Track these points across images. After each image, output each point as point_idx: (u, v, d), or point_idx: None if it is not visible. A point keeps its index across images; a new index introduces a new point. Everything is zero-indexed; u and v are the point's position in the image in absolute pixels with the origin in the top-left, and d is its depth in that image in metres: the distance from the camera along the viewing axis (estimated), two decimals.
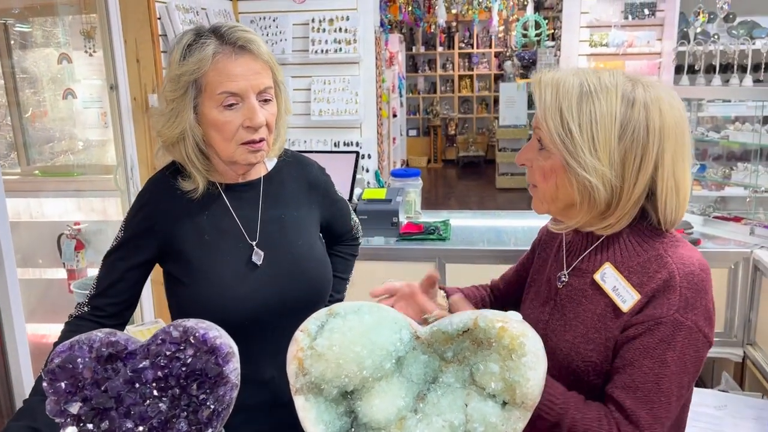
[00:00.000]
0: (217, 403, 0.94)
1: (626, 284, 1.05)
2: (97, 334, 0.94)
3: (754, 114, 2.85)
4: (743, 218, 2.79)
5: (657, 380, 0.99)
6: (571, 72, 1.06)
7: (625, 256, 1.08)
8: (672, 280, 1.01)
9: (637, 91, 1.03)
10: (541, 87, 1.05)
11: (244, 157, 1.26)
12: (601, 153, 1.01)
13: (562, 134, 1.02)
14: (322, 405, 0.94)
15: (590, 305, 1.09)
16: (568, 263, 1.16)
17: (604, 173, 1.01)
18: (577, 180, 1.03)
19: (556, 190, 1.07)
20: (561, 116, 1.02)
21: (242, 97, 1.22)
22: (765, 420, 2.12)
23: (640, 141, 1.01)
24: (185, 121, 1.23)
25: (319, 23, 4.12)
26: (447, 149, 11.24)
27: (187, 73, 1.21)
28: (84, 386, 0.93)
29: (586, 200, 1.04)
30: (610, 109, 1.01)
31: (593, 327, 1.07)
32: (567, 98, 1.02)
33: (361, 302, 0.99)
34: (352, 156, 3.09)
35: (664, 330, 1.00)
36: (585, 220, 1.07)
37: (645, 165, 1.02)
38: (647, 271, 1.04)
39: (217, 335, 0.95)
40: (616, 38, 4.85)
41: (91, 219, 3.22)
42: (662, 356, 0.99)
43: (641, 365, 1.00)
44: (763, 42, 3.91)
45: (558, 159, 1.04)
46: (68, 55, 3.15)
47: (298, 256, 1.35)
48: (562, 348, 1.10)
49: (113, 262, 1.30)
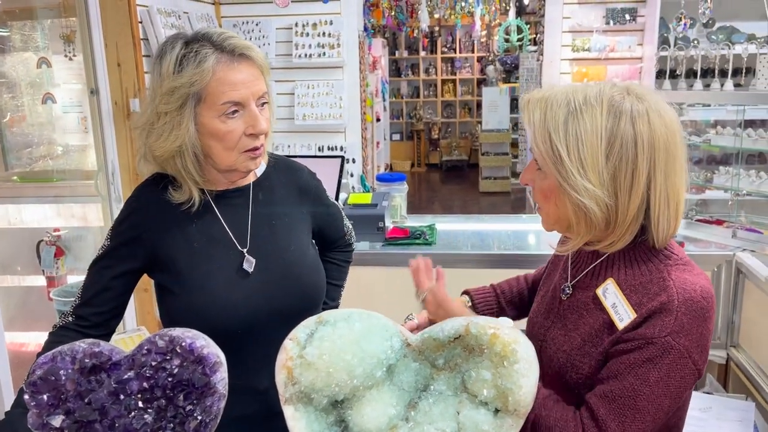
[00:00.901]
0: (204, 414, 0.92)
1: (625, 303, 1.04)
2: (80, 345, 0.92)
3: (734, 118, 2.88)
4: (725, 221, 2.82)
5: (635, 396, 0.98)
6: (561, 90, 1.05)
7: (629, 274, 1.06)
8: (670, 304, 0.99)
9: (625, 103, 1.00)
10: (530, 109, 1.05)
11: (245, 165, 1.25)
12: (591, 173, 0.99)
13: (552, 157, 1.01)
14: (311, 415, 0.92)
15: (590, 319, 1.08)
16: (572, 276, 1.16)
17: (596, 193, 0.99)
18: (571, 202, 1.02)
19: (557, 209, 1.06)
20: (550, 139, 1.01)
21: (244, 105, 1.20)
22: (749, 421, 2.13)
23: (629, 156, 0.99)
24: (184, 134, 1.19)
25: (303, 27, 4.10)
26: (430, 153, 11.26)
27: (185, 85, 1.17)
28: (67, 398, 0.91)
29: (583, 221, 1.03)
30: (594, 126, 0.99)
31: (589, 341, 1.07)
32: (554, 120, 1.01)
33: (351, 309, 0.98)
34: (337, 161, 3.07)
35: (653, 350, 0.98)
36: (585, 240, 1.06)
37: (637, 180, 1.00)
38: (647, 292, 1.03)
39: (204, 344, 0.93)
40: (597, 43, 4.89)
41: (72, 225, 3.17)
42: (645, 374, 0.98)
43: (623, 379, 0.99)
44: (743, 47, 3.96)
45: (553, 180, 1.03)
46: (47, 59, 3.11)
47: (290, 263, 1.33)
48: (559, 358, 1.10)
49: (99, 270, 1.27)
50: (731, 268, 2.56)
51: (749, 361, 2.44)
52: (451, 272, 2.73)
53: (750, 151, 2.95)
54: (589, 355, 1.06)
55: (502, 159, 9.09)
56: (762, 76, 3.09)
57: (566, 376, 1.08)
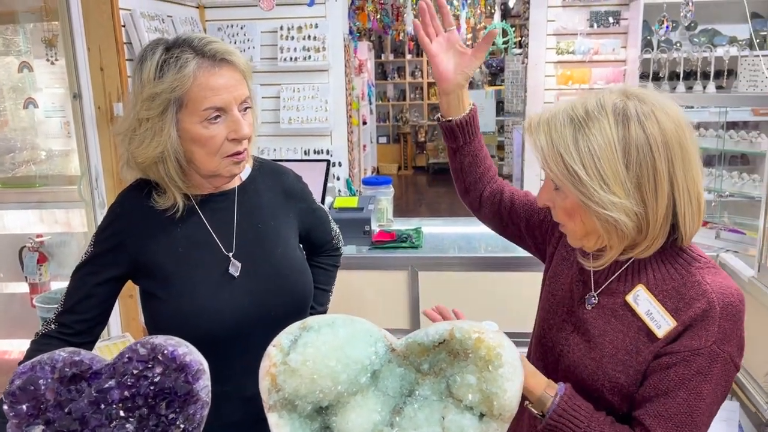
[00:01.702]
0: (187, 423, 0.91)
1: (661, 309, 1.02)
2: (59, 354, 0.91)
3: (717, 120, 2.91)
4: (709, 222, 2.84)
5: (690, 412, 0.97)
6: (560, 108, 1.03)
7: (658, 278, 1.05)
8: (712, 311, 0.98)
9: (629, 108, 0.98)
10: (534, 134, 1.02)
11: (228, 170, 1.24)
12: (614, 186, 0.97)
13: (569, 178, 0.99)
14: (296, 422, 0.91)
15: (621, 326, 1.06)
16: (596, 283, 1.12)
17: (624, 205, 0.97)
18: (599, 218, 0.99)
19: (583, 226, 1.04)
20: (562, 160, 0.99)
21: (226, 110, 1.19)
22: (734, 421, 2.15)
23: (648, 161, 0.97)
24: (166, 140, 1.18)
25: (288, 31, 4.09)
26: (417, 156, 11.27)
27: (166, 91, 1.16)
28: (47, 408, 0.89)
29: (614, 233, 1.00)
30: (606, 138, 0.97)
31: (624, 349, 1.04)
32: (562, 140, 0.99)
33: (335, 315, 0.97)
34: (323, 164, 3.07)
35: (701, 361, 0.97)
36: (620, 251, 1.04)
37: (660, 183, 0.98)
38: (683, 297, 1.01)
39: (187, 352, 0.92)
40: (582, 46, 4.92)
41: (55, 231, 3.14)
42: (698, 388, 0.97)
43: (675, 396, 0.98)
44: (725, 49, 4.01)
45: (574, 198, 1.01)
46: (29, 63, 3.07)
47: (277, 266, 1.32)
48: (587, 365, 1.07)
49: (82, 277, 1.26)
50: None
51: None
52: (437, 275, 2.75)
53: (732, 152, 2.98)
54: (624, 363, 1.04)
55: None
56: (743, 79, 3.13)
57: (597, 384, 1.06)
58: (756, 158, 3.26)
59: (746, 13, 4.15)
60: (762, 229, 2.20)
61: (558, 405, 1.01)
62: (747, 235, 2.65)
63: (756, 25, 4.76)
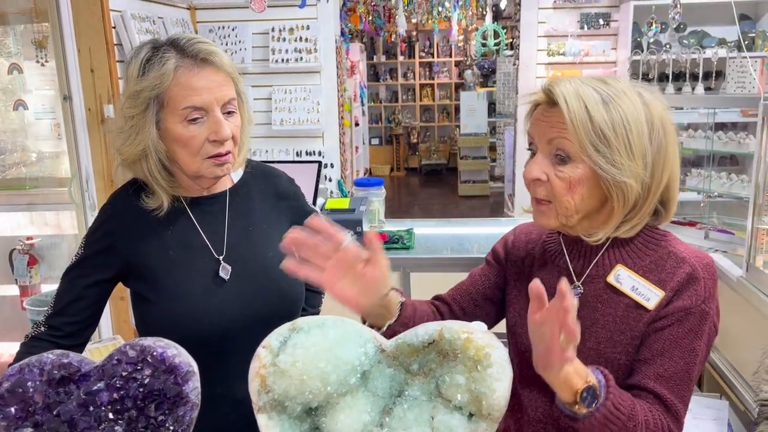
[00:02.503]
0: (176, 425, 0.91)
1: (646, 282, 1.07)
2: (48, 356, 0.91)
3: (706, 121, 2.93)
4: (698, 222, 2.86)
5: (688, 369, 1.02)
6: (579, 82, 1.04)
7: (633, 257, 1.09)
8: (696, 273, 1.05)
9: (642, 92, 1.05)
10: (564, 95, 1.01)
11: (211, 171, 1.23)
12: (637, 155, 1.01)
13: (596, 142, 1.00)
14: (285, 423, 0.92)
15: (609, 309, 1.08)
16: (577, 274, 1.13)
17: (639, 174, 1.02)
18: (614, 185, 1.01)
19: (581, 201, 1.05)
20: (592, 123, 1.00)
21: (206, 111, 1.19)
22: (723, 420, 2.16)
23: (663, 142, 1.04)
24: (147, 138, 1.19)
25: (280, 32, 4.09)
26: (409, 157, 11.29)
27: (147, 89, 1.17)
28: (35, 411, 0.89)
29: (621, 201, 1.03)
30: (636, 110, 1.02)
31: (617, 329, 1.07)
32: (593, 105, 1.01)
33: (324, 316, 0.97)
34: (315, 165, 3.07)
35: (693, 320, 1.03)
36: (620, 221, 1.06)
37: (667, 164, 1.05)
38: (664, 268, 1.07)
39: (176, 353, 0.92)
40: (572, 47, 4.94)
41: (45, 233, 3.12)
42: (691, 345, 1.02)
43: (672, 355, 1.02)
44: (713, 51, 4.04)
45: (587, 168, 1.02)
46: (19, 65, 3.06)
47: (268, 270, 1.32)
48: (586, 357, 1.05)
49: (72, 279, 1.25)
50: None
51: (723, 361, 2.48)
52: (429, 276, 2.75)
53: (721, 153, 3.00)
54: (621, 342, 1.06)
55: (480, 163, 9.15)
56: (732, 80, 3.15)
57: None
58: (744, 159, 3.28)
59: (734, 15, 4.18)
60: (750, 229, 2.22)
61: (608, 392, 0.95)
62: (736, 235, 2.67)
63: (744, 27, 4.80)
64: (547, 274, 1.17)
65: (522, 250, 1.26)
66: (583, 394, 0.92)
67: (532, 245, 1.24)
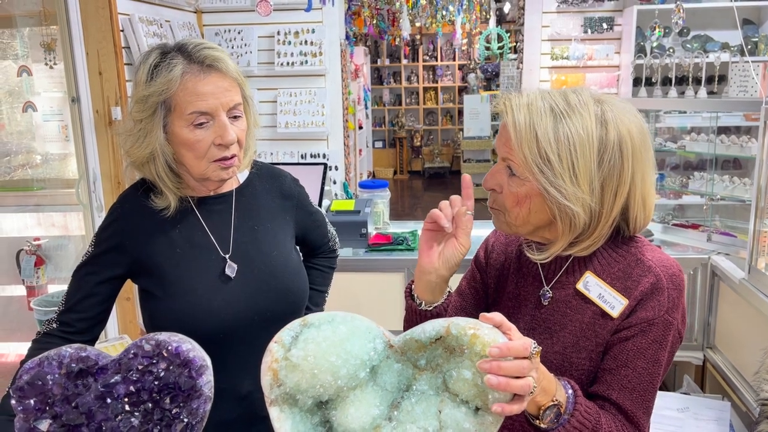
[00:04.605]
0: (190, 417, 0.93)
1: (612, 290, 1.06)
2: (66, 350, 0.93)
3: (708, 125, 2.95)
4: (701, 225, 2.88)
5: (651, 379, 1.03)
6: (536, 96, 1.03)
7: (603, 264, 1.09)
8: (659, 283, 1.04)
9: (605, 112, 1.01)
10: (513, 110, 1.01)
11: (216, 174, 1.26)
12: (582, 180, 0.99)
13: (539, 163, 0.99)
14: (297, 416, 0.94)
15: (576, 315, 1.09)
16: (547, 279, 1.14)
17: (584, 200, 1.00)
18: (558, 208, 1.01)
19: (528, 214, 1.05)
20: (537, 143, 0.99)
21: (212, 116, 1.21)
22: (725, 420, 2.18)
23: (617, 164, 1.01)
24: (155, 142, 1.22)
25: (285, 36, 4.12)
26: (413, 161, 11.31)
27: (155, 94, 1.20)
28: (54, 403, 0.92)
29: (567, 226, 1.02)
30: (587, 133, 0.99)
31: (583, 335, 1.08)
32: (542, 123, 0.99)
33: (334, 312, 0.99)
34: (320, 168, 3.09)
35: (656, 331, 1.03)
36: (565, 245, 1.06)
37: (621, 188, 1.02)
38: (630, 276, 1.06)
39: (191, 348, 0.94)
40: (576, 51, 4.97)
41: (52, 234, 3.15)
42: (655, 356, 1.03)
43: (635, 366, 1.03)
44: (716, 55, 4.05)
45: (533, 185, 1.01)
46: (28, 67, 3.09)
47: (273, 268, 1.35)
48: (552, 360, 1.09)
49: (83, 276, 1.28)
50: (707, 270, 2.62)
51: (725, 362, 2.49)
52: None
53: (724, 156, 3.02)
54: (586, 349, 1.07)
55: (483, 166, 9.16)
56: (734, 84, 3.17)
57: (565, 375, 1.08)
58: (747, 162, 3.30)
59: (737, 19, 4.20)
60: (752, 231, 2.24)
61: (575, 409, 0.97)
62: (738, 237, 2.69)
63: (747, 32, 4.82)
64: (522, 279, 1.19)
65: (501, 254, 1.27)
66: (546, 411, 0.95)
67: (511, 247, 1.25)
